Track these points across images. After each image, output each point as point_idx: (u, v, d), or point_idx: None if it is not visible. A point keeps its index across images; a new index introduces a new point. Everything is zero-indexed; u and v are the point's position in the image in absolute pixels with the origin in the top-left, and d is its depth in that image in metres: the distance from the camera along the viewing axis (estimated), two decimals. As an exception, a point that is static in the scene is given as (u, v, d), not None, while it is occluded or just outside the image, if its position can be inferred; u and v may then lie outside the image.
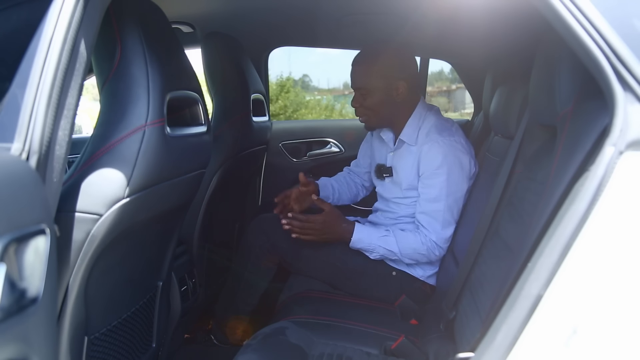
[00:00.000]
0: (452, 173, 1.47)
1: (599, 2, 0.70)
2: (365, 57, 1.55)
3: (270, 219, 1.66)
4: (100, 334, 1.03)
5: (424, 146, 1.50)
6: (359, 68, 1.55)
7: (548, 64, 0.93)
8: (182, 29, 1.92)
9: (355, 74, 1.56)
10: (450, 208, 1.48)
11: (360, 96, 1.56)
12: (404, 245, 1.48)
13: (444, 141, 1.48)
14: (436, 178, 1.47)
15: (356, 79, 1.56)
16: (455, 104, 9.82)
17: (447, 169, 1.46)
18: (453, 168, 1.47)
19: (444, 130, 1.52)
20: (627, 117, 0.66)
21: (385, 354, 1.21)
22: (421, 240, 1.48)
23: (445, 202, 1.47)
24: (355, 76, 1.56)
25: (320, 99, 11.86)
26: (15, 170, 0.69)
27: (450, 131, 1.53)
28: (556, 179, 0.76)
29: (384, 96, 1.54)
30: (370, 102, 1.55)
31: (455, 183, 1.48)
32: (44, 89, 0.75)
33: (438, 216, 1.47)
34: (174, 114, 1.05)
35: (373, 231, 1.52)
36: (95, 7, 0.82)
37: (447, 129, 1.54)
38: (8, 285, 0.62)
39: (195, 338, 1.82)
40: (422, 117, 1.57)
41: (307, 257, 1.60)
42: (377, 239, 1.49)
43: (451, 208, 1.48)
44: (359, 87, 1.55)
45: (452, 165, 1.47)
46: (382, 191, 1.70)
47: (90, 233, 0.89)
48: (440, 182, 1.46)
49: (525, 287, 0.68)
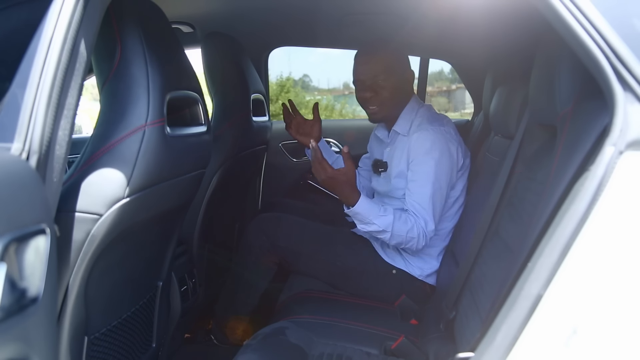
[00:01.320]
0: (440, 160, 1.47)
1: (599, 2, 0.70)
2: (379, 47, 1.57)
3: (270, 219, 1.67)
4: (100, 334, 1.03)
5: (414, 135, 1.52)
6: (375, 57, 1.55)
7: (548, 64, 0.93)
8: (182, 29, 1.92)
9: (371, 62, 1.55)
10: (434, 195, 1.47)
11: (373, 85, 1.55)
12: (398, 228, 1.45)
13: (433, 129, 1.50)
14: (424, 164, 1.48)
15: (373, 67, 1.55)
16: (455, 104, 9.81)
17: (437, 155, 1.47)
18: (442, 156, 1.48)
19: (435, 121, 1.55)
20: (627, 117, 0.66)
21: (385, 354, 1.21)
22: (416, 225, 1.46)
23: (432, 188, 1.46)
24: (371, 64, 1.55)
25: (320, 99, 11.86)
26: (15, 170, 0.69)
27: (441, 122, 1.56)
28: (556, 178, 0.76)
29: (398, 84, 1.56)
30: (385, 89, 1.55)
31: (443, 170, 1.48)
32: (44, 89, 0.75)
33: (426, 203, 1.46)
34: (174, 114, 1.05)
35: (374, 207, 1.46)
36: (95, 7, 0.82)
37: (438, 119, 1.57)
38: (8, 285, 0.62)
39: (195, 338, 1.82)
40: (415, 110, 1.59)
41: (307, 256, 1.61)
42: (375, 217, 1.45)
43: (435, 196, 1.47)
44: (377, 74, 1.54)
45: (441, 152, 1.48)
46: (377, 186, 1.71)
47: (90, 233, 0.89)
48: (428, 168, 1.47)
49: (525, 287, 0.68)
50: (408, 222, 1.44)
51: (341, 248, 1.60)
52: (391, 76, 1.55)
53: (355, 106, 12.99)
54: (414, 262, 1.57)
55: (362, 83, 1.58)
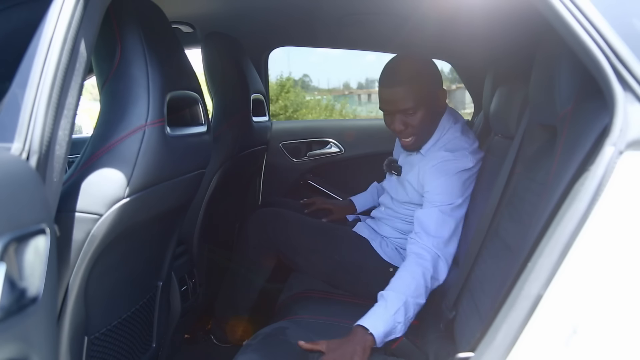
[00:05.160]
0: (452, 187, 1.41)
1: (599, 1, 0.70)
2: (404, 75, 1.42)
3: (269, 213, 1.66)
4: (100, 334, 1.03)
5: (430, 162, 1.45)
6: (401, 89, 1.41)
7: (548, 64, 0.93)
8: (182, 29, 1.92)
9: (398, 95, 1.42)
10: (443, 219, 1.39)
11: (403, 117, 1.44)
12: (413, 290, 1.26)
13: (453, 161, 1.43)
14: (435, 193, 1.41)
15: (400, 101, 1.42)
16: (455, 104, 9.80)
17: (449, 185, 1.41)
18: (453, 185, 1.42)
19: (457, 150, 1.46)
20: (627, 117, 0.66)
21: (385, 354, 1.21)
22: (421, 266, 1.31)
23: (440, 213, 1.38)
24: (398, 97, 1.42)
25: (320, 99, 11.86)
26: (15, 170, 0.69)
27: (464, 149, 1.46)
28: (556, 178, 0.76)
29: (430, 109, 1.45)
30: (417, 119, 1.44)
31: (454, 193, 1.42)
32: (44, 89, 0.75)
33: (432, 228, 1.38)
34: (174, 114, 1.05)
35: (380, 313, 1.23)
36: (95, 7, 0.82)
37: (461, 147, 1.47)
38: (8, 285, 0.62)
39: (195, 338, 1.82)
40: (445, 130, 1.51)
41: (306, 251, 1.60)
42: (391, 316, 1.21)
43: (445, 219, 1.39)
44: (406, 109, 1.42)
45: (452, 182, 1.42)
46: (388, 187, 1.70)
47: (90, 233, 0.89)
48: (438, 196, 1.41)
49: (525, 287, 0.68)
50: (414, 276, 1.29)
51: (340, 243, 1.59)
52: (421, 104, 1.42)
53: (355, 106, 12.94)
54: None
55: (391, 115, 1.47)
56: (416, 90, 1.41)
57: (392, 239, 1.62)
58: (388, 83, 1.45)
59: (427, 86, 1.44)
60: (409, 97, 1.41)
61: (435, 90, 1.48)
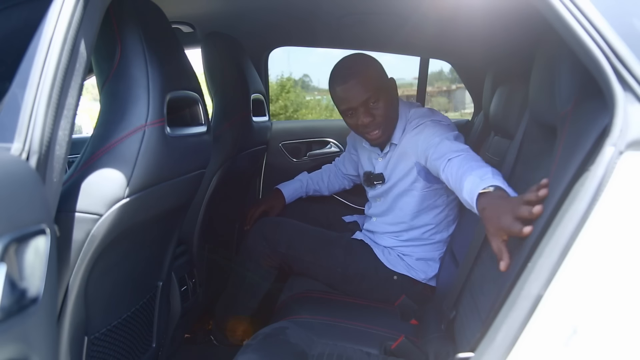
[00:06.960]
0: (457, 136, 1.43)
1: (599, 1, 0.70)
2: (355, 68, 1.48)
3: (270, 224, 1.66)
4: (100, 334, 1.03)
5: (413, 130, 1.50)
6: (357, 80, 1.45)
7: (548, 64, 0.93)
8: (182, 29, 1.92)
9: (356, 87, 1.45)
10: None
11: (367, 110, 1.47)
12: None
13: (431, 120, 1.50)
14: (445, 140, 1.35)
15: (359, 92, 1.45)
16: (455, 104, 9.81)
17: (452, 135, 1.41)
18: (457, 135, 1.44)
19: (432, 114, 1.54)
20: (627, 117, 0.66)
21: (385, 354, 1.21)
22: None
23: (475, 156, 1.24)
24: (357, 89, 1.45)
25: (320, 99, 11.85)
26: (15, 170, 0.69)
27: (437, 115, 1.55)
28: (556, 179, 0.76)
29: (388, 97, 1.50)
30: (380, 108, 1.47)
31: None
32: (44, 89, 0.75)
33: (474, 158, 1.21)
34: (174, 114, 1.05)
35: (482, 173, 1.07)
36: (95, 7, 0.82)
37: (433, 113, 1.57)
38: (8, 285, 0.62)
39: (195, 338, 1.82)
40: (406, 114, 1.57)
41: (308, 262, 1.61)
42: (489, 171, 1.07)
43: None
44: (367, 98, 1.45)
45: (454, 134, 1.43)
46: (375, 195, 1.69)
47: (90, 233, 0.89)
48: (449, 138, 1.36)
49: (525, 287, 0.68)
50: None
51: (342, 254, 1.59)
52: (380, 92, 1.46)
53: (355, 106, 13.05)
54: (418, 267, 1.57)
55: (354, 111, 1.48)
56: (371, 78, 1.47)
57: (394, 247, 1.62)
58: (343, 79, 1.48)
59: (378, 75, 1.50)
60: (367, 86, 1.45)
61: (386, 79, 1.53)
